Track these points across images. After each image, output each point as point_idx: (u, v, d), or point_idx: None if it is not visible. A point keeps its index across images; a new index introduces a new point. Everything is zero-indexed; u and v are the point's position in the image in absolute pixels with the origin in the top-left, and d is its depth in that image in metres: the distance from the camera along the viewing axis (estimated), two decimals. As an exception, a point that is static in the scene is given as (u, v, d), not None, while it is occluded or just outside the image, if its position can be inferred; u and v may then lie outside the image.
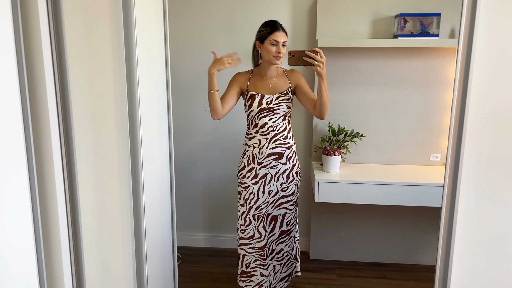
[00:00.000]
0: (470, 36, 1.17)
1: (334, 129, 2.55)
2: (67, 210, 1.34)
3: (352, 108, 2.61)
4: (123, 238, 1.43)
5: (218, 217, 2.97)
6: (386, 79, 2.56)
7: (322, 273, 2.67)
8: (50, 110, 1.23)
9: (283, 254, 2.24)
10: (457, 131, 1.21)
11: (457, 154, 1.22)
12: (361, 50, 2.53)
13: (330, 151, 2.47)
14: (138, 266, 1.46)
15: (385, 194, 2.35)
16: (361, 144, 2.65)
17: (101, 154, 1.37)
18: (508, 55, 1.19)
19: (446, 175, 1.24)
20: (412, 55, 2.51)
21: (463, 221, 1.27)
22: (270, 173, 2.10)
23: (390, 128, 2.61)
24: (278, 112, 2.05)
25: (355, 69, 2.56)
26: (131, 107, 1.35)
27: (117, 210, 1.41)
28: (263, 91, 2.07)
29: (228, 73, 2.21)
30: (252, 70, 2.13)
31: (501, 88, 1.21)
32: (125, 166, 1.37)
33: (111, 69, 1.31)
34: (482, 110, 1.21)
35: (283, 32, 1.99)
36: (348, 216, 2.76)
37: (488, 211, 1.27)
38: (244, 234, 2.13)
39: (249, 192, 2.11)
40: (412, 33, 2.41)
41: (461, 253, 1.29)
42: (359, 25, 2.51)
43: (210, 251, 2.95)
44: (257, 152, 2.08)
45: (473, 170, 1.24)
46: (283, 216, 2.18)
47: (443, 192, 1.26)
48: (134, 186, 1.40)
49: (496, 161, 1.25)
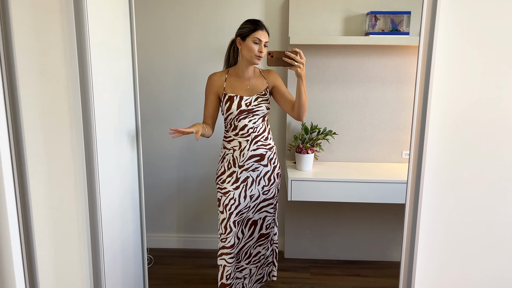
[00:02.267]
0: (431, 34, 1.17)
1: (307, 127, 2.54)
2: (18, 218, 1.27)
3: (325, 106, 2.60)
4: (79, 240, 1.38)
5: (191, 218, 2.92)
6: (358, 77, 2.56)
7: (297, 272, 2.66)
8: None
9: (260, 257, 2.21)
10: (420, 128, 1.21)
11: (420, 151, 1.21)
12: (333, 47, 2.53)
13: (303, 149, 2.46)
14: (94, 268, 1.41)
15: (358, 191, 2.35)
16: (334, 142, 2.64)
17: (53, 152, 1.31)
18: (468, 53, 1.20)
19: (410, 172, 1.24)
20: (384, 53, 2.52)
21: (426, 217, 1.27)
22: (251, 176, 2.04)
23: (362, 126, 2.62)
24: (258, 114, 1.99)
25: (327, 66, 2.55)
26: (84, 105, 1.29)
27: (72, 211, 1.35)
28: (241, 92, 2.00)
29: (205, 74, 2.16)
30: (228, 70, 2.04)
31: (462, 85, 1.21)
32: (80, 166, 1.32)
33: (63, 63, 1.25)
34: (443, 108, 1.21)
35: (266, 32, 1.93)
36: (322, 214, 2.76)
37: (451, 206, 1.27)
38: (225, 243, 2.03)
39: (229, 198, 2.02)
40: (383, 31, 2.42)
41: (425, 249, 1.29)
42: (331, 23, 2.50)
43: (183, 252, 2.91)
44: (238, 154, 2.01)
45: (436, 167, 1.23)
46: (263, 219, 2.14)
47: (407, 189, 1.26)
48: (89, 187, 1.34)
49: (459, 158, 1.25)
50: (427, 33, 1.17)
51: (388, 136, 2.62)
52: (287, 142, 2.66)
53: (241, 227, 2.08)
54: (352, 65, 2.55)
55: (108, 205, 1.58)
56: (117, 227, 1.70)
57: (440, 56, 1.17)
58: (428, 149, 1.19)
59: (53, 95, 1.27)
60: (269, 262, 2.29)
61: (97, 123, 1.39)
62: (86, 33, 1.25)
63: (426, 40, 1.17)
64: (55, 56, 1.26)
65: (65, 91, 1.27)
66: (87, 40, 1.25)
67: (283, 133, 2.74)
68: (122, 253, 1.77)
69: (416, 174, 1.23)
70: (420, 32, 1.18)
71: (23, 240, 1.29)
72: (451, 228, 1.29)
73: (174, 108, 2.73)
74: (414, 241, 1.27)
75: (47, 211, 1.35)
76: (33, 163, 1.30)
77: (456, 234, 1.30)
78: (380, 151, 2.65)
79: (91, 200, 1.35)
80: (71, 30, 1.24)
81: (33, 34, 1.24)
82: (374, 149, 2.65)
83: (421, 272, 1.30)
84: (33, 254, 1.34)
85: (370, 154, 2.66)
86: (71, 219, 1.36)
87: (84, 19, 1.24)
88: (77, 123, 1.28)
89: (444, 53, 1.17)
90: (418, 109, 1.21)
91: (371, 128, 2.62)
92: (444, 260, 1.31)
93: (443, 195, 1.26)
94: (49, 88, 1.27)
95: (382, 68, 2.54)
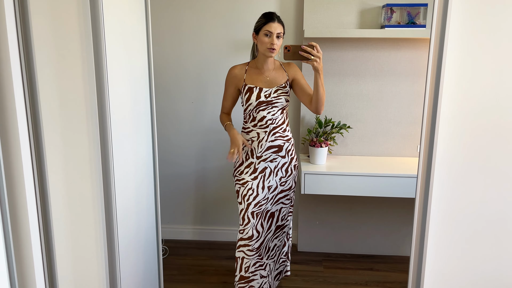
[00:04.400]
0: (442, 27, 1.15)
1: (320, 121, 2.53)
2: (37, 204, 1.32)
3: (339, 100, 2.59)
4: (95, 230, 1.42)
5: (206, 210, 2.96)
6: (373, 70, 2.54)
7: (310, 265, 2.68)
8: (18, 104, 1.21)
9: (275, 250, 2.22)
10: (431, 123, 1.20)
11: (430, 145, 1.21)
12: (348, 41, 2.51)
13: (316, 143, 2.46)
14: (110, 257, 1.45)
15: (372, 185, 2.35)
16: (348, 136, 2.63)
17: (71, 145, 1.35)
18: (480, 47, 1.18)
19: (420, 165, 1.23)
20: (399, 45, 2.49)
21: (436, 210, 1.26)
22: (269, 167, 2.05)
23: (377, 120, 2.60)
24: (277, 105, 2.01)
25: (342, 60, 2.54)
26: (100, 97, 1.33)
27: (88, 204, 1.40)
28: (261, 84, 2.02)
29: (225, 67, 2.18)
30: (248, 63, 2.08)
31: (474, 78, 1.20)
32: (95, 158, 1.36)
33: (79, 56, 1.29)
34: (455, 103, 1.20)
35: (279, 24, 1.92)
36: (335, 208, 2.76)
37: (461, 200, 1.27)
38: (243, 234, 2.02)
39: (247, 188, 2.03)
40: (399, 24, 2.39)
41: (435, 242, 1.29)
42: (346, 16, 2.48)
43: (198, 243, 2.95)
44: (256, 145, 2.04)
45: (446, 161, 1.23)
46: (279, 211, 2.15)
47: (417, 182, 1.25)
48: (105, 179, 1.38)
49: (469, 152, 1.24)
50: (438, 25, 1.16)
51: (403, 130, 2.60)
52: (301, 136, 2.66)
53: (260, 220, 2.07)
54: (367, 58, 2.53)
55: (124, 196, 1.62)
56: (132, 217, 1.74)
57: (452, 49, 1.16)
58: (438, 142, 1.19)
59: (70, 88, 1.31)
60: (283, 257, 2.30)
61: (113, 115, 1.43)
62: (101, 27, 1.28)
63: (438, 32, 1.16)
64: (72, 49, 1.29)
65: (82, 86, 1.30)
66: (102, 33, 1.29)
67: (297, 127, 2.75)
68: (137, 242, 1.82)
69: (427, 167, 1.22)
70: (432, 24, 1.17)
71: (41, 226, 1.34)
72: (461, 220, 1.29)
73: (189, 102, 2.77)
74: (424, 233, 1.27)
75: (65, 204, 1.40)
76: (51, 153, 1.35)
77: (466, 227, 1.29)
78: (394, 145, 2.63)
79: (106, 190, 1.39)
80: (87, 23, 1.27)
81: (51, 28, 1.28)
82: (389, 143, 2.63)
83: (431, 264, 1.30)
84: (51, 241, 1.39)
85: (384, 148, 2.64)
86: (87, 208, 1.40)
87: (99, 12, 1.28)
88: (93, 114, 1.32)
89: (456, 46, 1.16)
90: (429, 102, 1.20)
91: (385, 122, 2.60)
92: (454, 252, 1.30)
93: (453, 187, 1.25)
94: (66, 80, 1.31)
95: (397, 61, 2.51)
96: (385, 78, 2.54)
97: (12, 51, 1.18)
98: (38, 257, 1.29)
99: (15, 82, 1.19)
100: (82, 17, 1.26)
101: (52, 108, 1.32)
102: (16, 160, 1.22)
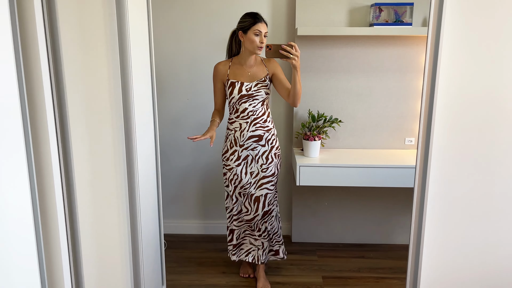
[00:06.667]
0: (438, 25, 1.25)
1: (313, 115, 2.63)
2: (64, 201, 1.38)
3: (331, 95, 2.70)
4: (119, 226, 1.49)
5: (202, 204, 3.03)
6: (363, 66, 2.65)
7: (304, 255, 2.78)
8: (48, 108, 1.25)
9: (268, 233, 2.36)
10: (427, 115, 1.31)
11: (427, 137, 1.31)
12: (339, 38, 2.61)
13: (310, 136, 2.56)
14: (134, 252, 1.53)
15: (363, 176, 2.46)
16: (340, 130, 2.74)
17: (96, 146, 1.42)
18: (474, 43, 1.28)
19: (418, 156, 1.34)
20: (387, 43, 2.61)
21: (433, 200, 1.37)
22: (251, 155, 2.25)
23: (367, 114, 2.72)
24: (257, 98, 2.19)
25: (333, 57, 2.64)
26: (125, 100, 1.40)
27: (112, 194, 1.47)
28: (243, 78, 2.20)
29: (211, 63, 2.26)
30: (232, 59, 2.25)
31: (468, 75, 1.30)
32: (120, 152, 1.43)
33: (105, 63, 1.36)
34: (450, 96, 1.31)
35: (265, 24, 2.12)
36: (328, 199, 2.87)
37: (457, 191, 1.37)
38: (233, 211, 2.35)
39: (233, 174, 2.28)
40: (387, 22, 2.50)
41: (432, 231, 1.40)
42: (337, 14, 2.58)
43: (194, 237, 3.02)
44: (239, 135, 2.23)
45: (443, 152, 1.33)
46: (265, 196, 2.29)
47: (415, 172, 1.36)
48: (129, 176, 1.46)
49: (464, 144, 1.34)
50: (434, 22, 1.25)
51: (391, 123, 2.72)
52: (295, 130, 2.75)
53: (247, 200, 2.30)
54: (357, 55, 2.63)
55: (144, 195, 1.71)
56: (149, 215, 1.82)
57: (447, 45, 1.26)
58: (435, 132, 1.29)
59: (96, 94, 1.39)
60: (278, 238, 2.42)
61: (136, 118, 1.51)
62: (127, 32, 1.36)
63: (434, 29, 1.26)
64: (98, 55, 1.37)
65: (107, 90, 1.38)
66: (128, 38, 1.35)
67: (290, 121, 2.84)
68: (150, 238, 1.89)
69: (424, 156, 1.33)
70: (429, 21, 1.27)
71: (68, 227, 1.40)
72: (456, 210, 1.40)
73: (185, 98, 2.82)
74: (422, 223, 1.38)
75: (90, 202, 1.47)
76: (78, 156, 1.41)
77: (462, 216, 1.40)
78: (384, 138, 2.75)
79: (130, 191, 1.46)
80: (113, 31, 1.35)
81: (78, 38, 1.35)
82: (378, 136, 2.75)
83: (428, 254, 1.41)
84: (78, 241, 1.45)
85: (374, 141, 2.76)
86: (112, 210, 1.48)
87: (125, 18, 1.35)
88: (118, 118, 1.40)
89: (451, 43, 1.26)
90: (426, 97, 1.30)
91: (375, 116, 2.72)
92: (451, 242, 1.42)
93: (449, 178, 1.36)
94: (93, 83, 1.38)
95: (386, 58, 2.63)
96: (374, 74, 2.66)
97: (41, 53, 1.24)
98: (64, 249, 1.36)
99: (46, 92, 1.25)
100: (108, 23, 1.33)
101: (79, 114, 1.40)
102: (46, 167, 1.28)
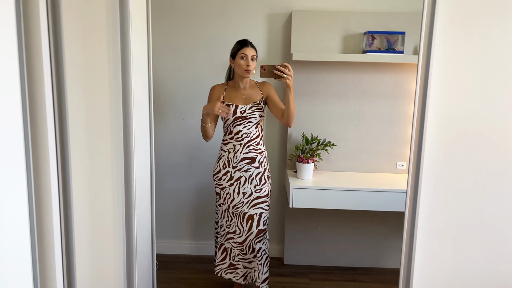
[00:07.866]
0: (428, 53, 1.32)
1: (307, 138, 2.68)
2: (61, 219, 1.39)
3: (324, 119, 2.75)
4: (114, 238, 1.50)
5: (194, 225, 3.03)
6: (356, 91, 2.72)
7: (296, 277, 2.78)
8: (48, 114, 1.28)
9: (261, 253, 2.35)
10: (418, 140, 1.35)
11: (418, 161, 1.35)
12: (333, 64, 2.68)
13: (303, 159, 2.60)
14: (128, 268, 1.53)
15: (355, 199, 2.49)
16: (333, 153, 2.79)
17: (95, 156, 1.45)
18: (462, 70, 1.35)
19: (409, 180, 1.38)
20: (380, 69, 2.69)
21: (424, 221, 1.40)
22: (244, 176, 2.28)
23: (359, 138, 2.77)
24: (251, 121, 2.25)
25: (327, 82, 2.71)
26: (125, 111, 1.43)
27: (109, 211, 1.48)
28: (238, 101, 2.26)
29: (207, 85, 2.32)
30: (228, 83, 2.33)
31: (457, 101, 1.36)
32: (118, 169, 1.45)
33: (107, 74, 1.40)
34: (440, 121, 1.36)
35: (252, 48, 2.22)
36: (320, 222, 2.88)
37: (447, 212, 1.41)
38: (230, 229, 2.35)
39: (226, 193, 2.32)
40: (380, 49, 2.58)
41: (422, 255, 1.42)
42: (331, 41, 2.66)
43: (186, 258, 3.01)
44: (232, 156, 2.27)
45: (433, 176, 1.37)
46: (260, 215, 2.30)
47: (406, 195, 1.39)
48: (127, 189, 1.48)
49: (454, 167, 1.39)
50: (424, 51, 1.32)
51: (383, 148, 2.78)
52: (288, 152, 2.79)
53: (239, 220, 2.31)
54: (350, 81, 2.71)
55: (139, 208, 1.72)
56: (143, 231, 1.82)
57: (437, 73, 1.32)
58: (425, 160, 1.34)
59: (96, 104, 1.42)
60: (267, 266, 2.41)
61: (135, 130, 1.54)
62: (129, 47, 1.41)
63: (424, 57, 1.32)
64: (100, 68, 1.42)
65: (108, 100, 1.42)
66: (130, 55, 1.40)
67: (284, 144, 2.88)
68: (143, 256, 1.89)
69: (415, 180, 1.37)
70: (419, 50, 1.33)
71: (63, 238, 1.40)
72: (446, 232, 1.43)
73: (180, 120, 2.86)
74: (412, 244, 1.40)
75: (86, 211, 1.48)
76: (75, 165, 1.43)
77: (452, 238, 1.43)
78: (376, 162, 2.80)
79: (127, 203, 1.48)
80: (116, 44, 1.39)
81: (81, 43, 1.39)
82: (371, 160, 2.80)
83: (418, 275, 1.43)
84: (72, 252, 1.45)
85: (366, 165, 2.80)
86: (107, 221, 1.50)
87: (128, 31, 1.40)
88: (117, 129, 1.43)
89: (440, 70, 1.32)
90: (417, 122, 1.35)
91: (367, 140, 2.77)
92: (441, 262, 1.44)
93: (439, 201, 1.40)
94: (93, 96, 1.42)
95: (378, 84, 2.70)
96: (366, 99, 2.72)
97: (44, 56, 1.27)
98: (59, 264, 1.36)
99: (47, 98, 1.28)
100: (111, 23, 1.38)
101: (78, 122, 1.43)
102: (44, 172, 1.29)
